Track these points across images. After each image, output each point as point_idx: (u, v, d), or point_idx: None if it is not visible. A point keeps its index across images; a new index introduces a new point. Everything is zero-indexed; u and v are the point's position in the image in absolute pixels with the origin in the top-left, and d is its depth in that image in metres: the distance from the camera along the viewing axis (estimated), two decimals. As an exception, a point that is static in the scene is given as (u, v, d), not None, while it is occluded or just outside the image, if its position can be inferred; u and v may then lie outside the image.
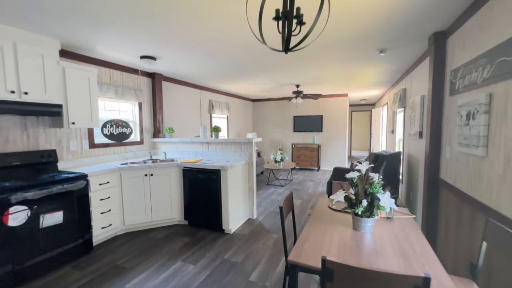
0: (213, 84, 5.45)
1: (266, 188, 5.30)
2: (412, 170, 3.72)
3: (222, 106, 6.32)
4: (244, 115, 7.88)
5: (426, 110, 3.08)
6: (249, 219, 3.55)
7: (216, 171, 3.01)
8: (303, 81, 5.11)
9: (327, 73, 4.34)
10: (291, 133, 8.01)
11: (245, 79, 4.91)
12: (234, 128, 7.21)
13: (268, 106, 8.27)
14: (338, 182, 2.36)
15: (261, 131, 8.45)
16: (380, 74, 4.47)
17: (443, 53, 2.50)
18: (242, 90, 6.30)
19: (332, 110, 7.44)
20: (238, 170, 3.25)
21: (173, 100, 4.72)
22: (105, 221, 2.83)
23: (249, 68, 3.98)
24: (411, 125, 3.66)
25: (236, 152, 3.55)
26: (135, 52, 3.08)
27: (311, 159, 7.41)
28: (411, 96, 3.80)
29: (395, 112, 5.22)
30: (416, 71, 3.57)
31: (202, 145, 3.82)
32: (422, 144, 3.19)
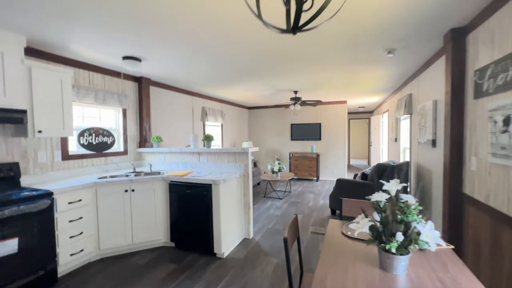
0: (206, 90, 5.13)
1: (263, 201, 4.91)
2: (423, 181, 3.40)
3: (216, 114, 5.99)
4: (239, 123, 7.56)
5: (440, 117, 2.79)
6: (245, 239, 3.15)
7: (206, 186, 2.64)
8: (302, 87, 4.82)
9: (328, 78, 4.06)
10: (289, 141, 7.69)
11: (241, 85, 4.60)
12: (229, 137, 6.86)
13: (264, 113, 7.97)
14: (355, 202, 2.00)
15: (257, 140, 8.12)
16: (383, 79, 4.22)
17: (462, 51, 2.23)
18: (237, 96, 6.00)
19: (330, 118, 7.17)
20: (232, 184, 2.88)
21: (162, 107, 4.37)
22: (75, 246, 2.41)
23: (246, 72, 3.67)
24: (421, 133, 3.37)
25: (230, 163, 3.18)
26: (117, 51, 2.75)
27: (309, 169, 7.07)
28: (419, 102, 3.53)
29: (399, 119, 4.96)
30: (424, 75, 3.30)
31: (192, 156, 3.45)
32: (437, 154, 2.89)
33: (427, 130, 3.10)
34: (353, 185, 3.71)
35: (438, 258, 1.28)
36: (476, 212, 2.02)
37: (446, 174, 2.37)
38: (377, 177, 3.52)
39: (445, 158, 2.40)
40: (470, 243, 2.11)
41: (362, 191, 3.61)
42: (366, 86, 4.80)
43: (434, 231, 1.05)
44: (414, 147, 3.85)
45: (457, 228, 2.29)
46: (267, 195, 5.41)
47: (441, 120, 2.78)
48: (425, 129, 3.20)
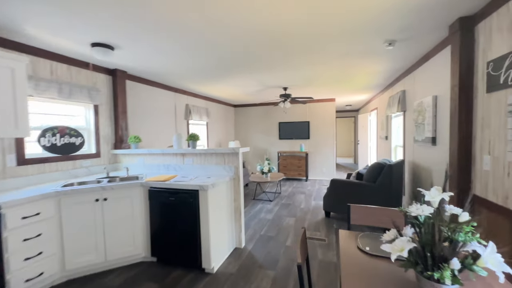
0: (190, 86, 4.75)
1: (252, 204, 4.63)
2: (420, 180, 3.29)
3: (201, 112, 5.61)
4: (225, 121, 7.22)
5: (441, 113, 2.66)
6: (236, 248, 2.85)
7: (193, 192, 2.31)
8: (292, 82, 4.59)
9: (321, 72, 3.85)
10: (277, 140, 7.46)
11: (228, 80, 4.28)
12: (214, 136, 6.51)
13: (251, 112, 7.69)
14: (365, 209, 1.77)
15: (244, 139, 7.82)
16: (376, 75, 4.08)
17: (471, 42, 2.07)
18: (223, 93, 5.66)
19: (319, 116, 7.03)
20: (221, 188, 2.57)
21: (141, 104, 3.95)
22: (32, 269, 1.99)
23: (233, 65, 3.36)
24: (418, 131, 3.24)
25: (219, 165, 2.87)
26: (84, 37, 2.34)
27: (298, 168, 6.89)
28: (416, 98, 3.41)
29: (389, 117, 4.87)
30: (422, 69, 3.17)
31: (176, 157, 3.09)
32: (438, 152, 2.75)
33: (426, 128, 2.97)
34: (349, 185, 3.53)
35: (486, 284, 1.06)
36: (490, 215, 1.86)
37: (454, 174, 2.22)
38: (374, 177, 3.36)
39: (452, 157, 2.25)
40: (483, 248, 1.96)
41: (358, 192, 3.44)
42: (358, 82, 4.65)
43: (496, 254, 0.82)
44: (409, 145, 3.74)
45: (466, 232, 2.14)
46: (257, 197, 5.14)
47: (442, 117, 2.64)
48: (423, 126, 3.07)
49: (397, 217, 1.66)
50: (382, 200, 3.24)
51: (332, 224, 3.58)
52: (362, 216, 1.74)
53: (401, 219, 1.64)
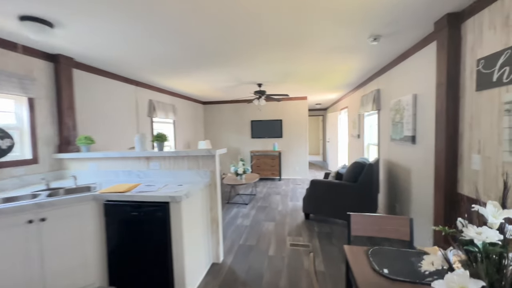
0: (154, 80, 4.20)
1: (227, 208, 4.30)
2: (397, 179, 3.31)
3: (167, 109, 5.06)
4: (194, 120, 6.70)
5: (421, 112, 2.65)
6: (214, 264, 2.51)
7: (162, 205, 1.90)
8: (267, 79, 4.35)
9: (298, 68, 3.67)
10: (249, 139, 7.19)
11: (198, 74, 3.86)
12: (182, 136, 5.98)
13: (222, 109, 7.28)
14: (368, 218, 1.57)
15: (214, 138, 7.38)
16: (352, 73, 4.04)
17: (458, 39, 2.03)
18: (192, 89, 5.18)
19: (291, 114, 6.94)
20: (196, 198, 2.20)
21: (94, 98, 3.32)
22: None
23: (205, 56, 2.98)
24: (395, 129, 3.25)
25: (192, 169, 2.48)
26: (9, 7, 1.77)
27: (272, 168, 6.72)
28: (392, 97, 3.42)
29: (362, 115, 4.94)
30: (399, 68, 3.17)
31: (139, 162, 2.61)
32: (418, 151, 2.75)
33: (405, 126, 2.97)
34: (329, 186, 3.42)
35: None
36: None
37: (440, 174, 2.18)
38: (355, 177, 3.29)
39: (438, 156, 2.21)
40: (472, 248, 1.93)
41: (339, 193, 3.34)
42: (332, 80, 4.60)
43: None
44: (384, 143, 3.77)
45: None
46: (231, 200, 4.81)
47: (423, 116, 2.63)
48: (401, 125, 3.07)
49: (401, 226, 1.50)
50: (362, 200, 3.18)
51: (313, 227, 3.43)
52: (364, 225, 1.55)
53: (405, 228, 1.49)
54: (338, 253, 2.68)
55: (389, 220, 1.52)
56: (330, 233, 3.23)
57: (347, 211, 3.38)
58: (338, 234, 3.20)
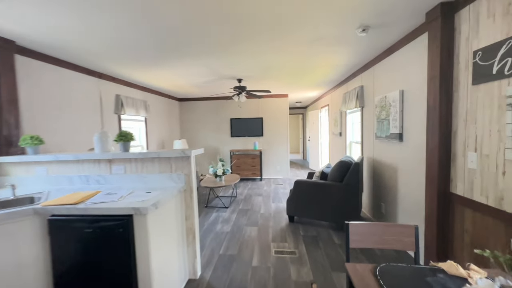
0: (121, 72, 3.74)
1: (206, 213, 3.97)
2: (382, 178, 3.22)
3: (138, 105, 4.59)
4: (168, 117, 6.24)
5: (408, 108, 2.54)
6: (190, 281, 2.20)
7: (124, 218, 1.56)
8: (248, 73, 4.08)
9: (281, 62, 3.44)
10: (229, 138, 6.88)
11: (171, 65, 3.48)
12: (155, 135, 5.51)
13: (199, 106, 6.88)
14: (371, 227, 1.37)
15: (191, 137, 6.97)
16: (336, 69, 3.91)
17: (451, 30, 1.92)
18: (165, 83, 4.76)
19: (272, 112, 6.74)
20: (168, 206, 1.88)
21: (43, 90, 2.82)
22: None
23: (176, 44, 2.64)
24: (380, 127, 3.15)
25: (164, 173, 2.15)
26: None
27: (253, 168, 6.48)
28: (376, 94, 3.32)
29: (344, 113, 4.86)
30: (384, 64, 3.07)
31: (99, 165, 2.22)
32: (405, 149, 2.65)
33: (391, 124, 2.87)
34: (314, 186, 3.24)
35: None
36: (476, 217, 1.73)
37: (432, 173, 2.07)
38: (341, 176, 3.15)
39: (430, 154, 2.10)
40: (468, 249, 1.84)
41: (325, 193, 3.17)
42: (315, 77, 4.46)
43: None
44: (368, 141, 3.68)
45: (446, 233, 2.02)
46: (210, 204, 4.48)
47: (411, 112, 2.53)
48: (387, 122, 2.97)
49: (404, 235, 1.32)
50: (349, 200, 3.04)
51: (298, 230, 3.24)
52: (364, 236, 1.35)
53: (410, 238, 1.31)
54: (326, 259, 2.50)
55: (391, 229, 1.34)
56: (316, 236, 3.06)
57: (333, 212, 3.27)
58: (324, 236, 3.03)
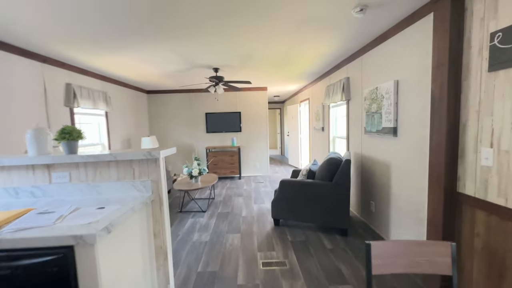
0: (72, 55, 3.08)
1: (180, 220, 3.51)
2: (373, 175, 3.04)
3: (95, 96, 3.92)
4: (135, 111, 5.56)
5: (404, 100, 2.34)
6: (162, 312, 1.78)
7: (60, 253, 1.09)
8: (225, 62, 3.65)
9: (264, 48, 3.07)
10: (204, 134, 6.38)
11: (133, 49, 2.93)
12: (120, 131, 4.84)
13: (170, 100, 6.26)
14: (397, 246, 1.07)
15: (162, 133, 6.34)
16: (321, 58, 3.64)
17: (461, 11, 1.70)
18: (129, 72, 4.13)
19: (251, 106, 6.37)
20: (129, 226, 1.43)
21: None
22: None
23: (137, 20, 2.13)
24: (370, 121, 2.95)
25: (124, 180, 1.68)
26: None
27: (231, 166, 6.07)
28: (365, 85, 3.11)
29: (327, 107, 4.66)
30: (376, 52, 2.85)
31: (33, 172, 1.68)
32: (400, 144, 2.46)
33: (384, 117, 2.67)
34: (302, 186, 2.96)
35: None
36: (495, 220, 1.54)
37: (437, 171, 1.88)
38: (331, 175, 2.90)
39: (434, 150, 1.90)
40: (480, 255, 1.66)
41: (314, 194, 2.91)
42: (298, 67, 4.16)
43: None
44: (355, 136, 3.49)
45: (451, 236, 1.84)
46: (185, 208, 4.01)
47: (406, 104, 2.34)
48: (379, 116, 2.77)
49: (437, 255, 1.06)
50: (339, 201, 2.81)
51: (285, 235, 2.94)
52: (389, 259, 1.06)
53: (446, 258, 1.05)
54: (321, 270, 2.23)
55: (421, 248, 1.06)
56: (305, 241, 2.79)
57: (322, 214, 3.01)
58: (314, 241, 2.77)
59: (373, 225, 3.03)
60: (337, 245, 2.67)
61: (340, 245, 2.67)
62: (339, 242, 2.73)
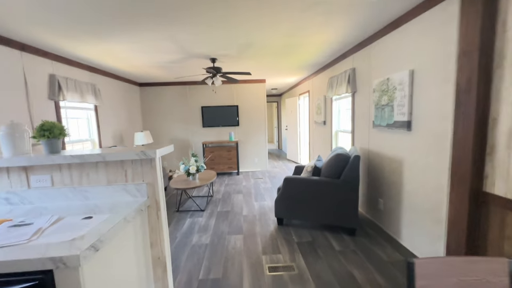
0: (56, 43, 2.79)
1: (178, 220, 3.32)
2: (381, 172, 2.89)
3: (83, 89, 3.63)
4: (127, 105, 5.27)
5: (420, 91, 2.17)
6: (161, 329, 1.60)
7: (36, 279, 0.89)
8: (224, 51, 3.40)
9: (266, 37, 2.85)
10: (200, 129, 6.14)
11: (125, 36, 2.66)
12: (111, 126, 4.57)
13: (164, 93, 5.97)
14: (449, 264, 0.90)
15: (156, 128, 6.07)
16: (327, 46, 3.43)
17: (496, -11, 1.52)
18: (122, 62, 3.85)
19: (249, 99, 6.14)
20: (121, 238, 1.23)
21: None
22: None
23: (134, 4, 1.88)
24: (381, 114, 2.78)
25: (115, 184, 1.47)
26: None
27: (229, 161, 5.88)
28: (374, 76, 2.93)
29: (329, 100, 4.47)
30: (388, 39, 2.66)
31: (7, 176, 1.45)
32: (414, 139, 2.30)
33: (396, 110, 2.50)
34: (308, 185, 2.79)
35: None
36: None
37: (461, 168, 1.72)
38: (338, 172, 2.73)
39: (458, 146, 1.74)
40: (509, 263, 1.52)
41: (322, 192, 2.74)
42: (300, 57, 3.95)
43: None
44: (362, 131, 3.33)
45: (476, 239, 1.70)
46: (182, 207, 3.82)
47: (423, 96, 2.16)
48: (390, 108, 2.60)
49: (494, 274, 0.89)
50: (348, 199, 2.66)
51: (290, 236, 2.79)
52: (436, 279, 0.89)
53: (502, 277, 0.88)
54: (331, 274, 2.09)
55: (471, 266, 0.90)
56: (312, 242, 2.64)
57: (329, 213, 2.80)
58: (322, 242, 2.63)
59: (382, 223, 2.90)
60: (346, 246, 2.52)
61: (349, 246, 2.53)
62: (348, 243, 2.59)
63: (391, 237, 2.67)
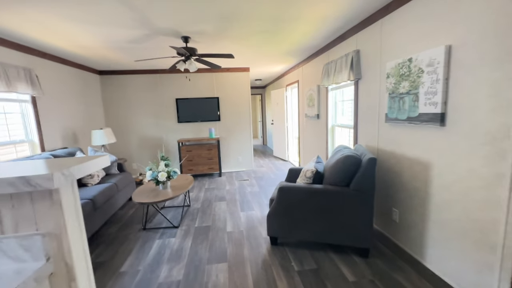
0: None
1: (143, 242, 2.59)
2: (399, 177, 2.36)
3: (10, 74, 2.73)
4: (83, 97, 4.34)
5: (460, 74, 1.62)
6: None
7: None
8: (198, 27, 2.67)
9: (251, 6, 2.16)
10: (175, 125, 5.33)
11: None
12: (58, 123, 3.66)
13: (130, 82, 5.07)
14: None
15: (121, 125, 5.17)
16: (323, 23, 2.81)
17: None
18: (66, 41, 2.96)
19: (231, 90, 5.42)
20: None
21: None
22: None
23: None
24: (397, 105, 2.23)
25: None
26: None
27: (209, 161, 5.16)
28: (390, 57, 2.36)
29: (325, 90, 3.89)
30: (408, 9, 2.08)
31: None
32: (450, 137, 1.75)
33: (423, 99, 1.95)
34: (310, 195, 2.19)
35: None
36: None
37: (546, 182, 1.19)
38: (347, 178, 2.16)
39: (542, 149, 1.20)
40: None
41: (327, 204, 2.16)
42: (291, 37, 3.30)
43: None
44: (369, 125, 2.78)
45: None
46: (150, 222, 3.08)
47: (466, 81, 1.62)
48: (413, 97, 2.05)
49: None
50: (361, 213, 2.10)
51: (288, 262, 2.18)
52: None
53: None
54: (352, 326, 1.51)
55: None
56: (317, 270, 2.06)
57: (336, 230, 2.07)
58: (329, 268, 2.06)
59: (398, 239, 2.39)
60: (362, 275, 1.97)
61: (364, 274, 1.98)
62: (362, 269, 2.04)
63: (413, 258, 2.16)
